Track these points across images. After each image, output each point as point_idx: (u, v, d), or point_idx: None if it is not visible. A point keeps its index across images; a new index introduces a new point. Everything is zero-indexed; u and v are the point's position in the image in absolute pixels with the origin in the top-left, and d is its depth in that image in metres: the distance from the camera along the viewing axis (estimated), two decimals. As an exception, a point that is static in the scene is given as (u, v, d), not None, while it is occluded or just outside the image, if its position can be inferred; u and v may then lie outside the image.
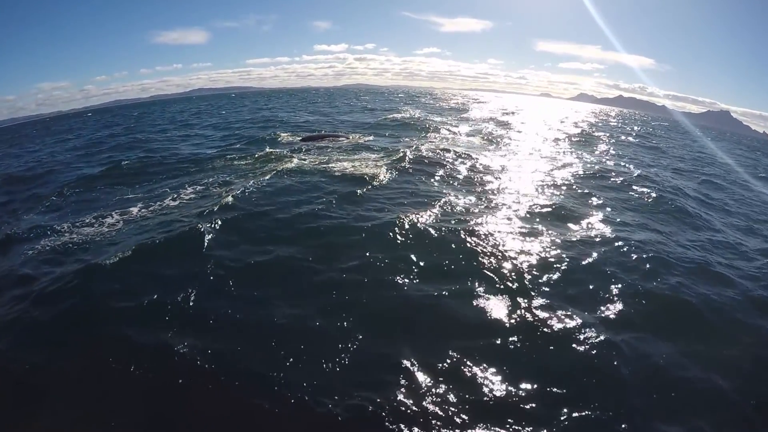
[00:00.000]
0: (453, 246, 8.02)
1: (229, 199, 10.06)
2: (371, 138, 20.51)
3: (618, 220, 10.42)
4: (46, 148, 26.12)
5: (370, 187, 11.43)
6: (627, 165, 18.26)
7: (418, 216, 9.16)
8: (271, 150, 16.65)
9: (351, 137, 20.57)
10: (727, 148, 44.59)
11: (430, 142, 19.73)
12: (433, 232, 8.49)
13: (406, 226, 8.62)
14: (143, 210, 10.22)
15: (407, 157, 15.15)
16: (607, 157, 20.39)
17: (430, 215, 9.37)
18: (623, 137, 33.00)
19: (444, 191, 11.53)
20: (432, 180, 12.84)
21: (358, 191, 10.87)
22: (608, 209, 11.24)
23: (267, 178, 12.09)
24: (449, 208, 10.16)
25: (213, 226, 8.39)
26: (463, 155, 16.38)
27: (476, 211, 10.14)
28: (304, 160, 14.95)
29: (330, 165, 13.85)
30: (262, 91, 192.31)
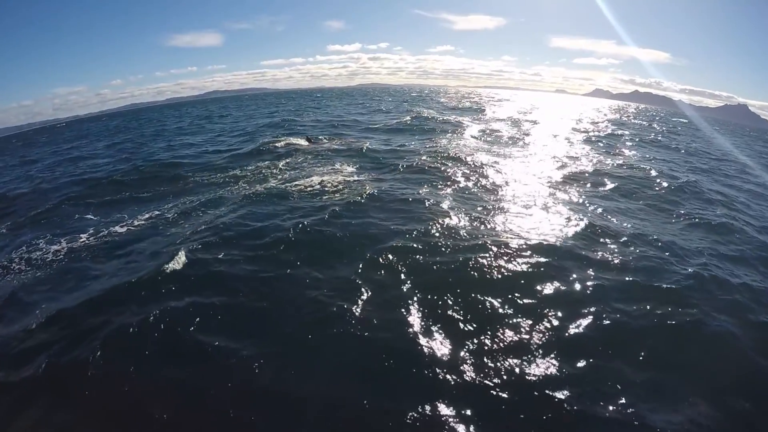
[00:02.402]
0: (434, 292, 6.76)
1: (183, 232, 9.25)
2: (374, 144, 19.38)
3: (652, 245, 8.95)
4: (47, 158, 25.84)
5: (347, 209, 10.19)
6: (658, 171, 16.51)
7: (397, 251, 7.92)
8: (256, 165, 15.83)
9: (353, 142, 19.58)
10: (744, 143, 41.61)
11: (434, 148, 18.45)
12: (412, 270, 7.34)
13: (385, 264, 7.49)
14: (93, 238, 9.63)
15: (402, 169, 14.07)
16: (635, 162, 18.50)
17: (414, 247, 8.11)
18: (648, 136, 30.82)
19: (437, 214, 10.11)
20: (425, 197, 11.31)
21: (327, 216, 9.65)
22: (640, 228, 9.82)
23: (234, 204, 11.06)
24: (436, 237, 8.74)
25: (158, 271, 7.41)
26: (468, 164, 15.12)
27: (474, 234, 8.76)
28: (287, 175, 13.99)
29: (309, 182, 12.71)
30: (277, 92, 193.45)
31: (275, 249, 8.16)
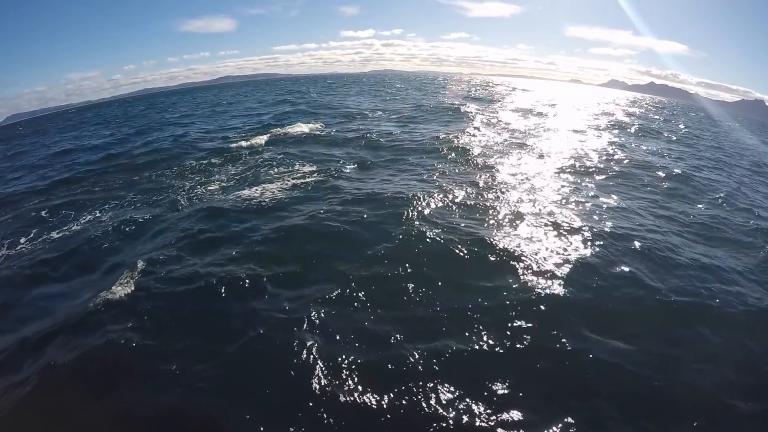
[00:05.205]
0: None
1: (115, 249, 8.64)
2: (370, 135, 18.08)
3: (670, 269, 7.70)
4: (37, 151, 25.05)
5: (316, 215, 9.08)
6: (686, 175, 15.03)
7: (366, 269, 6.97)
8: (233, 162, 15.00)
9: (346, 134, 18.69)
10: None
11: (432, 141, 17.13)
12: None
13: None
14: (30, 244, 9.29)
15: (392, 165, 13.22)
16: (656, 161, 16.88)
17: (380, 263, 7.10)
18: (671, 135, 28.72)
19: (412, 217, 8.97)
20: (401, 197, 9.99)
21: (280, 228, 8.62)
22: (656, 249, 8.41)
23: (191, 212, 10.12)
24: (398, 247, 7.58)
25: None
26: (463, 163, 13.86)
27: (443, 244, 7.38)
28: (260, 174, 12.90)
29: (268, 195, 11.11)
30: (289, 77, 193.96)
31: (220, 267, 7.27)
